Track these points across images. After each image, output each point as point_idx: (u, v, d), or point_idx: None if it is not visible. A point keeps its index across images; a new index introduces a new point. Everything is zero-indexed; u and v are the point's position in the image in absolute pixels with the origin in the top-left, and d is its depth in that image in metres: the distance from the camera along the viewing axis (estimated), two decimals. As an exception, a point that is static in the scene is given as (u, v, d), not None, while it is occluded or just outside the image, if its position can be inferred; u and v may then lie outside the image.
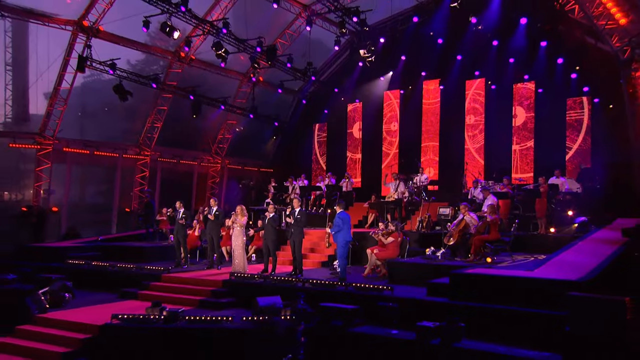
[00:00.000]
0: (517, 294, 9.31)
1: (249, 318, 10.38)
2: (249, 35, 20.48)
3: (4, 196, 17.94)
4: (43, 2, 17.13)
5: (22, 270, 14.80)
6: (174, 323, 10.30)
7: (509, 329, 8.73)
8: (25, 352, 10.18)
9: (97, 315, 11.29)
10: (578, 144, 19.25)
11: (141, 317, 10.46)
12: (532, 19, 17.48)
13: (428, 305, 10.06)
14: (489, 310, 9.24)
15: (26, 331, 10.96)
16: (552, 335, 8.04)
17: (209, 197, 25.00)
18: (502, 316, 9.04)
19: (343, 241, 12.48)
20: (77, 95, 19.98)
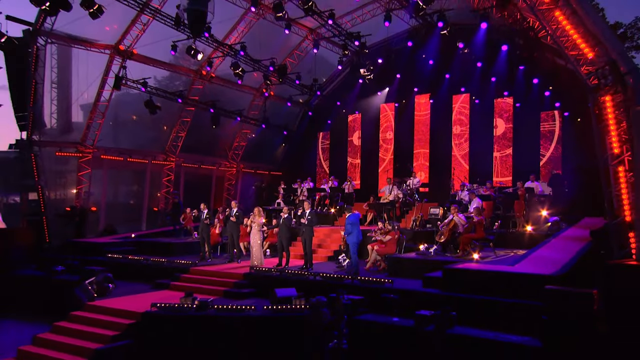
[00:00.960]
0: (500, 287, 9.46)
1: (269, 307, 10.36)
2: (262, 55, 20.63)
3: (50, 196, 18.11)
4: (85, 29, 17.22)
5: (68, 262, 14.99)
6: (204, 311, 10.39)
7: (495, 317, 8.85)
8: (80, 334, 10.40)
9: (138, 303, 11.47)
10: (550, 151, 19.35)
11: (176, 306, 10.59)
12: (512, 47, 17.49)
13: (424, 296, 10.08)
14: (477, 300, 9.39)
15: (79, 316, 11.17)
16: (531, 322, 8.18)
17: (225, 197, 25.35)
18: (488, 306, 9.17)
19: (354, 243, 12.53)
20: (111, 108, 20.12)
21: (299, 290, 10.98)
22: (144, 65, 20.25)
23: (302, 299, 10.59)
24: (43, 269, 15.17)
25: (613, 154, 9.45)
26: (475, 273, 10.06)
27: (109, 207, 21.40)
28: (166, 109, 20.70)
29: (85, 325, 10.72)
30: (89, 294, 12.24)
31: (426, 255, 12.92)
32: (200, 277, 13.51)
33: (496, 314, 8.90)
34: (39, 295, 13.97)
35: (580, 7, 9.34)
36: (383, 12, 18.38)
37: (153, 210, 22.87)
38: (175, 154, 22.97)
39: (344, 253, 14.17)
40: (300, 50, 23.20)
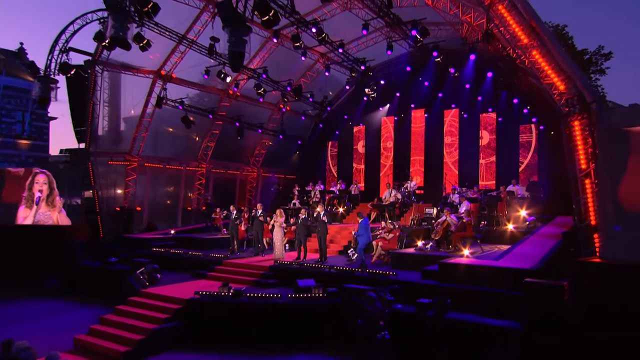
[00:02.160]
0: (487, 279, 9.60)
1: (292, 295, 10.52)
2: (280, 75, 20.68)
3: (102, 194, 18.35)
4: (133, 57, 17.38)
5: (120, 255, 15.42)
6: (238, 298, 10.62)
7: (483, 304, 8.94)
8: (137, 316, 10.65)
9: (182, 291, 11.59)
10: (528, 159, 19.41)
11: (215, 294, 10.81)
12: (496, 72, 17.44)
13: (423, 287, 10.14)
14: (468, 290, 9.50)
15: (135, 301, 11.34)
16: (513, 309, 8.32)
17: (248, 198, 25.37)
18: (477, 295, 9.27)
19: (364, 243, 12.63)
20: (151, 122, 20.40)
21: (317, 281, 11.06)
22: (181, 87, 20.33)
23: (321, 288, 10.67)
24: (99, 260, 15.48)
25: (581, 169, 9.69)
26: (466, 267, 10.17)
27: (150, 206, 21.50)
28: (198, 122, 20.75)
29: (141, 309, 10.96)
30: (142, 282, 12.41)
31: (424, 250, 12.98)
32: (231, 269, 13.64)
33: (484, 301, 9.00)
34: (97, 282, 14.40)
35: (554, 48, 9.69)
36: (384, 39, 18.35)
37: (187, 209, 22.90)
38: (206, 161, 23.14)
39: (353, 248, 14.12)
40: (313, 71, 23.21)
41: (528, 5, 10.43)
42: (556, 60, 9.63)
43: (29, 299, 14.10)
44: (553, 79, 9.71)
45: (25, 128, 29.35)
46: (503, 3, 10.11)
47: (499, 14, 10.56)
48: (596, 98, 9.27)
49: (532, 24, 10.39)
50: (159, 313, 10.60)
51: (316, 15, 17.99)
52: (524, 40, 10.00)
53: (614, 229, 8.20)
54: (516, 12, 10.31)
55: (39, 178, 17.23)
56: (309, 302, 10.45)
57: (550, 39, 10.07)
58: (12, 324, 11.37)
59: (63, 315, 12.47)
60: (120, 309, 11.07)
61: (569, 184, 10.83)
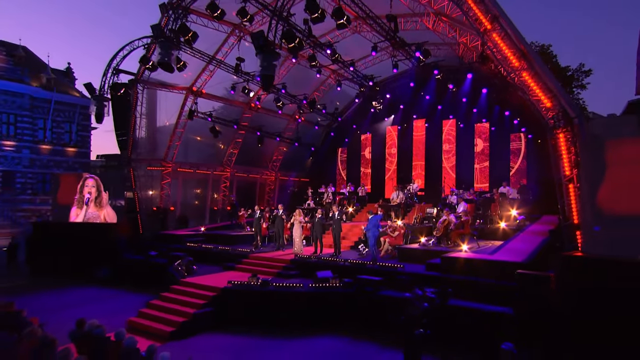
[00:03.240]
0: (484, 270, 9.80)
1: (312, 285, 10.82)
2: (296, 90, 20.85)
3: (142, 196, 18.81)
4: (169, 76, 17.66)
5: (159, 249, 15.59)
6: (266, 287, 10.88)
7: (479, 293, 9.15)
8: (179, 301, 10.95)
9: (216, 280, 11.87)
10: (518, 164, 19.57)
11: (245, 283, 11.13)
12: (490, 89, 17.82)
13: (427, 278, 10.31)
14: (467, 281, 9.68)
15: (176, 289, 11.65)
16: (507, 296, 8.52)
17: (267, 199, 25.52)
18: (475, 285, 9.46)
19: (374, 236, 12.77)
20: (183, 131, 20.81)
21: (333, 272, 11.31)
22: (208, 101, 20.64)
23: (337, 279, 10.93)
24: (140, 253, 15.73)
25: (565, 175, 10.03)
26: (465, 260, 10.34)
27: (182, 206, 21.89)
28: (223, 132, 21.07)
29: (181, 296, 11.25)
30: (180, 272, 12.74)
31: (427, 246, 13.21)
32: (257, 262, 13.82)
33: (481, 290, 9.20)
34: (139, 273, 14.65)
35: (541, 70, 10.05)
36: (389, 57, 18.29)
37: (213, 209, 23.21)
38: (230, 166, 23.49)
39: (363, 243, 14.40)
40: (325, 85, 23.39)
41: (518, 32, 10.79)
42: (543, 80, 9.98)
43: (81, 287, 14.38)
44: (540, 96, 10.06)
45: (72, 137, 30.19)
46: (496, 30, 10.50)
47: (492, 39, 10.93)
48: (578, 114, 9.62)
49: (521, 48, 10.77)
50: (197, 299, 10.90)
51: (329, 37, 18.40)
52: (515, 63, 10.37)
53: (593, 229, 8.47)
54: (508, 38, 10.68)
55: (88, 182, 17.77)
56: (327, 290, 10.67)
57: (537, 62, 10.43)
58: (68, 307, 11.62)
59: (113, 301, 12.72)
60: (164, 295, 11.43)
61: (554, 186, 11.06)
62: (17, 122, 28.14)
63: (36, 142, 29.03)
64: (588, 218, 8.59)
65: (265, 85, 9.36)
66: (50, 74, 30.04)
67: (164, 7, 13.21)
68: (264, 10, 14.35)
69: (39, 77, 29.34)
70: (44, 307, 11.35)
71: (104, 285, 14.66)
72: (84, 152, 31.85)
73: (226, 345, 9.33)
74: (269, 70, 8.73)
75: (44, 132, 29.33)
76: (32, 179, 29.06)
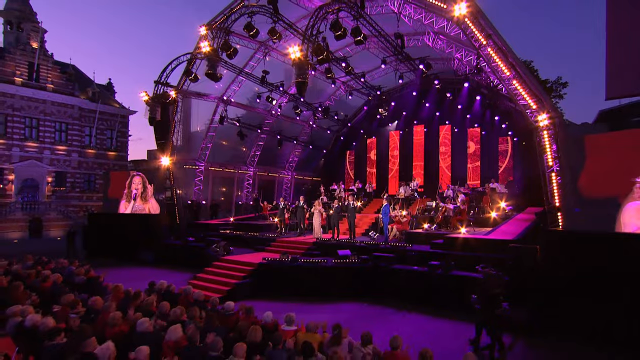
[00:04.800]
0: (481, 247, 10.41)
1: (335, 261, 11.33)
2: (311, 98, 21.35)
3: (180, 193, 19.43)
4: (202, 87, 18.50)
5: (195, 235, 16.18)
6: (295, 263, 11.46)
7: (477, 264, 8.91)
8: (222, 274, 11.64)
9: (251, 258, 12.47)
10: (505, 164, 19.82)
11: (278, 259, 11.70)
12: (483, 97, 18.24)
13: (432, 254, 10.91)
14: (466, 255, 10.27)
15: (218, 265, 12.33)
16: (500, 267, 8.54)
17: (284, 195, 26.19)
18: (473, 258, 9.84)
19: (386, 222, 13.41)
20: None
21: (351, 251, 11.86)
22: (235, 108, 21.30)
23: (355, 256, 11.50)
24: (179, 239, 16.43)
25: (548, 166, 10.73)
26: (464, 239, 10.97)
27: (211, 200, 22.47)
28: (247, 135, 21.66)
29: (223, 270, 11.92)
30: (220, 253, 13.33)
31: (429, 230, 13.84)
32: (283, 244, 14.33)
33: (478, 262, 9.25)
34: (179, 256, 15.30)
35: (527, 78, 10.83)
36: (394, 70, 18.89)
37: (238, 203, 23.79)
38: (253, 166, 24.13)
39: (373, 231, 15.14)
40: (336, 95, 23.84)
41: (508, 47, 11.56)
42: (529, 87, 10.72)
43: (129, 267, 14.94)
44: (528, 100, 10.77)
45: (112, 143, 31.14)
46: (490, 45, 11.26)
47: (486, 53, 11.70)
48: (558, 115, 10.37)
49: (510, 60, 11.55)
50: (237, 272, 11.56)
51: (342, 52, 19.19)
52: (507, 72, 11.12)
53: (574, 210, 9.14)
54: (500, 52, 11.45)
55: (135, 179, 18.54)
56: (347, 265, 11.18)
57: (524, 71, 11.17)
58: (126, 282, 12.19)
59: (161, 277, 13.18)
60: (208, 269, 12.11)
61: (537, 182, 11.54)
62: (67, 130, 29.18)
63: (83, 147, 30.03)
64: (569, 201, 9.26)
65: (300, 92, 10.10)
66: (95, 88, 31.14)
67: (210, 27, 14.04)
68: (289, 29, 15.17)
69: (86, 91, 30.40)
70: (106, 281, 12.12)
71: (148, 266, 15.28)
72: (122, 156, 32.82)
73: (267, 308, 9.99)
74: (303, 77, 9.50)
75: (89, 138, 30.35)
76: (80, 179, 30.03)
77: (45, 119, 28.09)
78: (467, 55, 15.47)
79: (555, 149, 10.66)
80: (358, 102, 24.16)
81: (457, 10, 11.19)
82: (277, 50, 19.04)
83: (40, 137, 27.94)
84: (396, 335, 4.98)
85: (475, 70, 13.47)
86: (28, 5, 29.85)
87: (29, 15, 29.06)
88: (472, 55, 14.51)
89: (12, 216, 25.68)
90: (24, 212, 26.29)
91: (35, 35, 27.65)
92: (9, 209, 25.69)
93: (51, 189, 28.29)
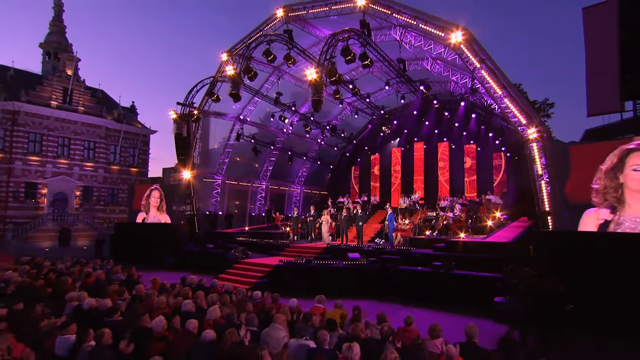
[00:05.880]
0: (479, 249, 10.82)
1: (345, 263, 11.70)
2: (320, 117, 21.88)
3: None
4: (221, 107, 18.95)
5: (214, 242, 16.72)
6: (309, 265, 11.82)
7: (476, 264, 10.09)
8: (243, 275, 12.14)
9: (268, 261, 12.91)
10: (499, 177, 20.10)
11: (293, 261, 12.16)
12: (478, 116, 18.66)
13: (435, 256, 11.32)
14: (466, 257, 10.65)
15: (238, 267, 12.84)
16: (498, 265, 9.46)
17: (294, 208, 27.06)
18: (472, 259, 10.40)
19: (391, 228, 14.03)
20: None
21: (360, 254, 12.23)
22: (250, 126, 21.90)
23: (364, 258, 11.90)
24: (198, 246, 16.89)
25: (538, 175, 11.19)
26: (464, 243, 11.39)
27: (227, 211, 22.75)
28: (259, 151, 22.17)
29: (243, 271, 12.45)
30: (237, 257, 13.77)
31: (431, 237, 14.24)
32: (296, 250, 14.69)
33: (477, 263, 10.18)
34: (199, 261, 15.63)
35: (517, 97, 11.45)
36: (396, 91, 19.41)
37: (251, 214, 24.10)
38: (265, 180, 24.60)
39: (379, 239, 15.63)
40: (342, 115, 24.36)
41: (499, 69, 12.23)
42: (519, 104, 11.31)
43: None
44: (519, 116, 11.35)
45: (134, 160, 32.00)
46: (485, 69, 11.93)
47: (480, 76, 12.35)
48: (546, 129, 10.91)
49: (501, 81, 12.19)
50: (256, 273, 12.07)
51: (348, 76, 19.92)
52: (499, 92, 11.75)
53: (563, 214, 9.57)
54: (493, 74, 12.11)
55: (154, 192, 19.16)
56: (356, 267, 11.60)
57: (514, 91, 11.80)
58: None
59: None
60: (229, 271, 12.58)
61: (529, 194, 11.91)
62: (95, 148, 30.13)
63: (108, 164, 30.89)
64: (558, 206, 9.69)
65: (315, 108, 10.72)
66: (121, 110, 32.30)
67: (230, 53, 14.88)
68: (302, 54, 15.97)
69: (112, 112, 31.50)
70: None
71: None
72: (143, 172, 33.59)
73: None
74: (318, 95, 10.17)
75: (114, 156, 31.23)
76: (104, 193, 30.78)
77: (76, 138, 29.05)
78: (462, 78, 16.15)
79: (544, 160, 11.12)
80: (363, 121, 24.66)
81: (453, 38, 11.92)
82: (289, 74, 19.77)
83: (70, 155, 28.84)
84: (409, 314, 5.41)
85: (470, 91, 14.11)
86: (64, 38, 31.51)
87: (65, 46, 30.62)
88: (467, 77, 15.20)
89: (44, 227, 26.34)
90: (54, 223, 26.94)
91: (70, 63, 28.93)
92: (41, 220, 26.36)
93: (79, 202, 29.03)
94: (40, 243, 25.47)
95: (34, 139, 27.16)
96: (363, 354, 4.08)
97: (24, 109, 26.32)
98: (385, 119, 20.98)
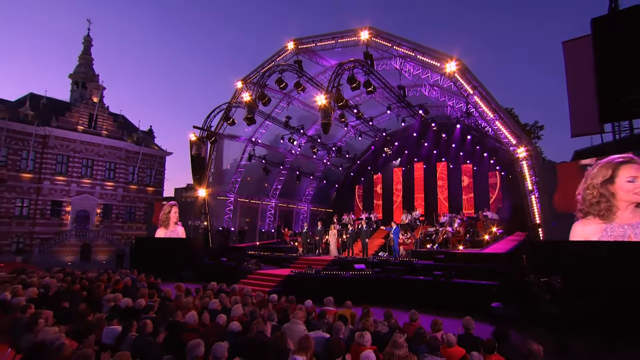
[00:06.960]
0: (477, 260, 11.09)
1: (352, 273, 11.99)
2: (326, 139, 22.42)
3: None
4: (234, 130, 19.64)
5: (227, 256, 16.92)
6: (318, 275, 12.13)
7: (474, 273, 10.33)
8: (256, 284, 12.31)
9: (279, 272, 13.27)
10: (495, 195, 20.46)
11: (304, 272, 12.47)
12: (473, 137, 19.12)
13: (436, 266, 11.57)
14: (465, 267, 10.95)
15: (251, 277, 13.20)
16: (494, 274, 9.81)
17: (301, 225, 27.35)
18: (471, 268, 10.67)
19: (396, 241, 14.43)
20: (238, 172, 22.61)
21: (366, 265, 12.58)
22: (260, 148, 22.53)
23: (370, 269, 12.18)
24: (213, 260, 17.02)
25: (529, 190, 11.62)
26: (462, 254, 11.72)
27: (238, 227, 23.02)
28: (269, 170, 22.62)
29: (257, 281, 12.79)
30: (251, 269, 14.10)
31: (432, 249, 14.55)
32: (306, 262, 14.82)
33: (475, 272, 10.43)
34: (215, 273, 14.97)
35: (508, 120, 12.04)
36: (396, 115, 19.80)
37: (261, 230, 24.38)
38: (275, 198, 25.03)
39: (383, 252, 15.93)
40: (347, 137, 24.79)
41: (490, 95, 12.87)
42: (510, 127, 11.88)
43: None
44: (509, 137, 11.91)
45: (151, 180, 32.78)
46: (477, 95, 12.58)
47: (473, 101, 12.99)
48: (535, 148, 11.40)
49: (493, 105, 12.80)
50: (269, 283, 12.42)
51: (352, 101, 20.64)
52: (491, 115, 12.36)
53: (551, 224, 9.99)
54: (484, 99, 12.75)
55: (174, 208, 19.68)
56: (362, 277, 11.88)
57: (505, 114, 12.38)
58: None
59: None
60: (243, 281, 12.91)
61: (523, 210, 12.36)
62: (115, 169, 31.01)
63: (127, 183, 31.67)
64: (547, 217, 10.12)
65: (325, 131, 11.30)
66: (140, 133, 33.35)
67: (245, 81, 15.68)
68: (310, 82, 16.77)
69: (132, 136, 32.54)
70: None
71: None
72: (158, 191, 34.25)
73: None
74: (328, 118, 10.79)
75: (132, 176, 32.03)
76: (123, 211, 31.41)
77: (99, 160, 29.97)
78: (458, 103, 16.83)
79: (534, 178, 11.58)
80: (366, 142, 25.20)
81: (448, 68, 12.63)
82: (297, 99, 20.55)
83: (93, 175, 29.69)
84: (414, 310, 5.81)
85: (465, 114, 14.72)
86: (92, 69, 33.21)
87: (92, 77, 32.30)
88: (462, 102, 15.86)
89: (67, 242, 26.90)
90: (77, 238, 27.50)
91: (96, 92, 30.28)
92: (65, 236, 26.94)
93: (99, 219, 29.65)
94: (64, 257, 25.97)
95: (61, 160, 28.21)
96: (373, 340, 4.49)
97: (53, 134, 27.52)
98: (387, 140, 21.49)
